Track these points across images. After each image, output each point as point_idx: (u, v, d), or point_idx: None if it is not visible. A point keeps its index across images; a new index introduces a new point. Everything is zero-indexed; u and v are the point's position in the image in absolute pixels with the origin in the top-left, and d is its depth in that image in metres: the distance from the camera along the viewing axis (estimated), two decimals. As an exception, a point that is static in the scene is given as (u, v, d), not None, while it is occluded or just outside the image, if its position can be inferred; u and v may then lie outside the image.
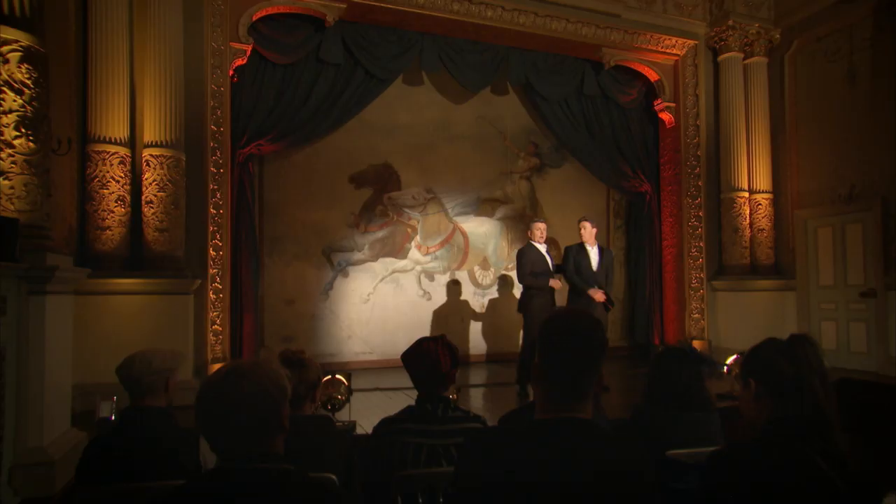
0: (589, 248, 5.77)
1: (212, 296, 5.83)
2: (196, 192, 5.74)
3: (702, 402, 2.76)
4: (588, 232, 5.74)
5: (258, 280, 6.67)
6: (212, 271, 5.83)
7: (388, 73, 6.91)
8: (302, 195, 7.14)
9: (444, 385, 2.57)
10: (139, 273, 5.25)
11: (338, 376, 4.73)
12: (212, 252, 5.86)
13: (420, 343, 2.62)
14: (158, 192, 5.40)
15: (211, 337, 5.82)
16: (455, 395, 4.64)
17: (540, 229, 5.82)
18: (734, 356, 5.49)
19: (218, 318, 5.86)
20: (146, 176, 5.40)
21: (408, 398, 5.47)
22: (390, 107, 7.37)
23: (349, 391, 4.66)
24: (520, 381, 5.79)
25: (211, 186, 5.87)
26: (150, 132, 5.43)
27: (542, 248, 5.80)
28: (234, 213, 6.22)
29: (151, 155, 5.40)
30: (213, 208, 5.88)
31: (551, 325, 1.63)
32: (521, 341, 5.93)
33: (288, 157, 7.09)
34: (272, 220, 7.04)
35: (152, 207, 5.38)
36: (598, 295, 5.53)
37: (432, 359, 2.54)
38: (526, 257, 5.72)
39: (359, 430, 4.51)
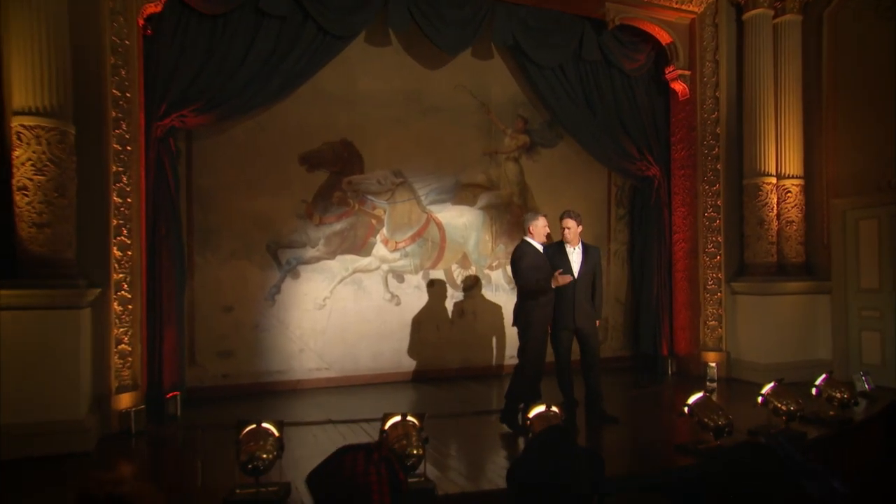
0: (570, 249, 4.83)
1: (117, 308, 4.85)
2: (92, 175, 4.68)
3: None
4: (573, 232, 4.82)
5: (184, 284, 5.68)
6: (116, 276, 4.84)
7: (345, 30, 5.90)
8: (242, 179, 6.13)
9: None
10: (8, 282, 4.12)
11: (265, 425, 3.68)
12: (116, 252, 4.85)
13: (339, 460, 1.56)
14: (35, 174, 4.27)
15: (116, 360, 4.84)
16: (421, 450, 3.54)
17: (546, 227, 4.84)
18: (770, 384, 4.59)
19: (126, 335, 4.91)
20: (17, 153, 4.25)
21: (366, 434, 4.72)
22: (350, 72, 6.43)
23: (279, 445, 3.58)
24: (505, 416, 4.75)
25: (113, 168, 4.82)
26: (20, 95, 4.25)
27: (542, 248, 4.83)
28: (149, 201, 5.26)
29: (24, 126, 4.25)
30: (118, 196, 4.86)
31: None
32: (518, 358, 4.88)
33: (224, 133, 6.04)
34: (204, 210, 6.01)
35: (27, 195, 4.25)
36: (564, 277, 4.56)
37: (359, 491, 1.48)
38: (528, 258, 4.70)
39: (293, 497, 3.43)
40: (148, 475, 4.13)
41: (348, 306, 6.48)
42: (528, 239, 4.77)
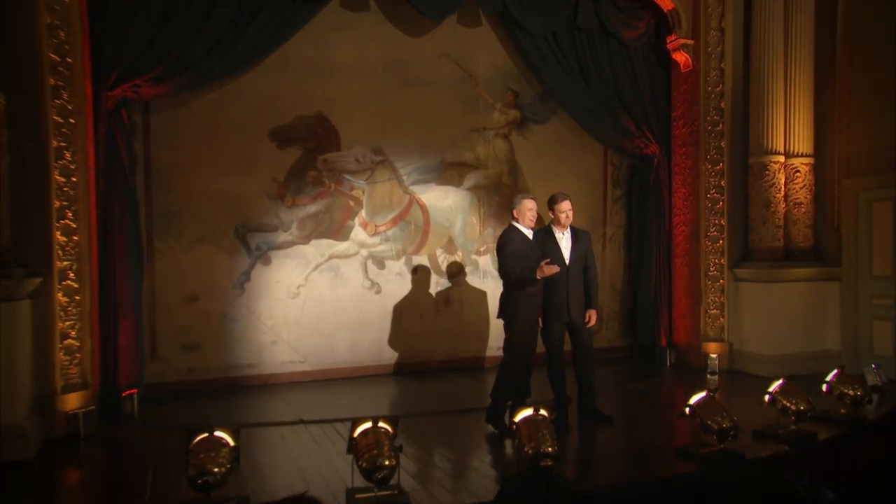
0: (559, 234, 4.46)
1: (62, 299, 4.44)
2: (28, 151, 4.26)
3: None
4: (569, 216, 4.46)
5: (142, 272, 5.30)
6: (60, 264, 4.43)
7: (318, -8, 5.48)
8: (206, 156, 5.73)
9: None
10: (-71, 273, 3.70)
11: (218, 434, 3.26)
12: (60, 237, 4.44)
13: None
14: (-42, 150, 3.78)
15: (62, 356, 4.44)
16: (393, 461, 3.15)
17: (532, 210, 4.43)
18: (779, 382, 4.24)
19: (74, 328, 4.51)
20: (-65, 126, 3.75)
21: (338, 436, 4.35)
22: (325, 40, 5.98)
23: (235, 456, 3.19)
24: (491, 415, 4.41)
25: (54, 143, 4.39)
26: (-63, 59, 3.77)
27: (531, 234, 4.44)
28: (100, 181, 4.83)
29: (-58, 94, 3.79)
30: (61, 175, 4.43)
31: None
32: (503, 353, 4.56)
33: (185, 105, 5.63)
34: (165, 190, 5.61)
35: (-52, 174, 3.75)
36: (551, 268, 4.12)
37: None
38: (513, 244, 4.31)
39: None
40: (93, 485, 3.75)
41: (324, 294, 6.12)
42: (515, 223, 4.38)
